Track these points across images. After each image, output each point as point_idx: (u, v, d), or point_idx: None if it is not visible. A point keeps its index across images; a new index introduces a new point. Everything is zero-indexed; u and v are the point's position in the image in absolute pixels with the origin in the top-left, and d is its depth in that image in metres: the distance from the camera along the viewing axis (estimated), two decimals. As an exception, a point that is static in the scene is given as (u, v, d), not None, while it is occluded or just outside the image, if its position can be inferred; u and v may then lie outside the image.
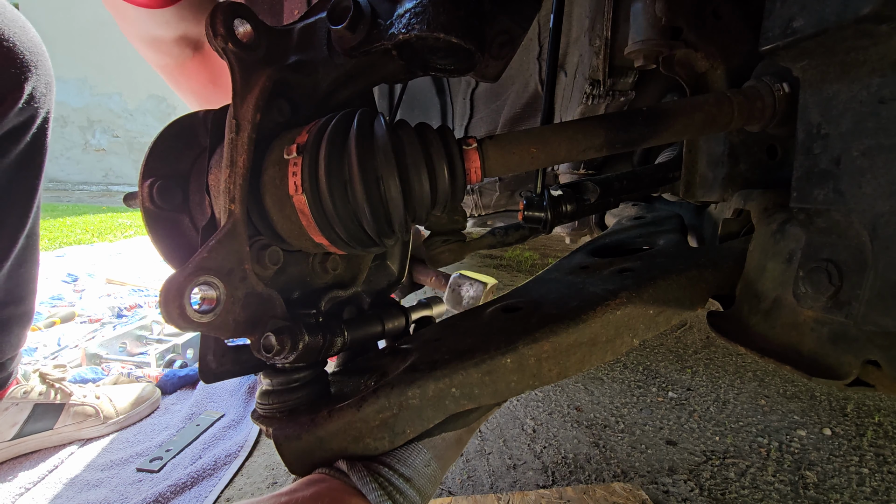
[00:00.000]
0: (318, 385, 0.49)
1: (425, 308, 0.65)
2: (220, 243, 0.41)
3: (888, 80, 0.36)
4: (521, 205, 0.75)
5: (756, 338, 0.49)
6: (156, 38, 0.81)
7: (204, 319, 0.39)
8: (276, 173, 0.43)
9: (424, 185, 0.41)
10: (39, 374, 1.23)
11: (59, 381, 1.23)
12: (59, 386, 1.22)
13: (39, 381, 1.21)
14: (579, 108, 0.89)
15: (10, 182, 1.03)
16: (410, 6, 0.44)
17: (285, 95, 0.47)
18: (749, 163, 0.61)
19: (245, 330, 0.43)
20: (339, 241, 0.43)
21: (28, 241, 1.10)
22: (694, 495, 1.00)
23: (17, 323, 1.13)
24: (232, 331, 0.41)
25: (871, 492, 1.00)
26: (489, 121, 1.35)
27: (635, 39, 0.59)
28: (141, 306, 2.33)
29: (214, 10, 0.41)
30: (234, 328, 0.41)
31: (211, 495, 1.00)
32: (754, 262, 0.52)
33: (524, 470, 1.08)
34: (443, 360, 0.46)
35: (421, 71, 0.52)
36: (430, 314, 0.65)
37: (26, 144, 1.02)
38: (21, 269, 1.10)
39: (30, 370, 1.23)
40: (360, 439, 0.44)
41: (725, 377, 1.54)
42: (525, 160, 0.45)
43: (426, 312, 0.65)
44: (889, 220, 0.36)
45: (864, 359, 0.39)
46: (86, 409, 1.23)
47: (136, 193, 0.49)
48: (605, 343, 0.49)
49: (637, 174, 0.78)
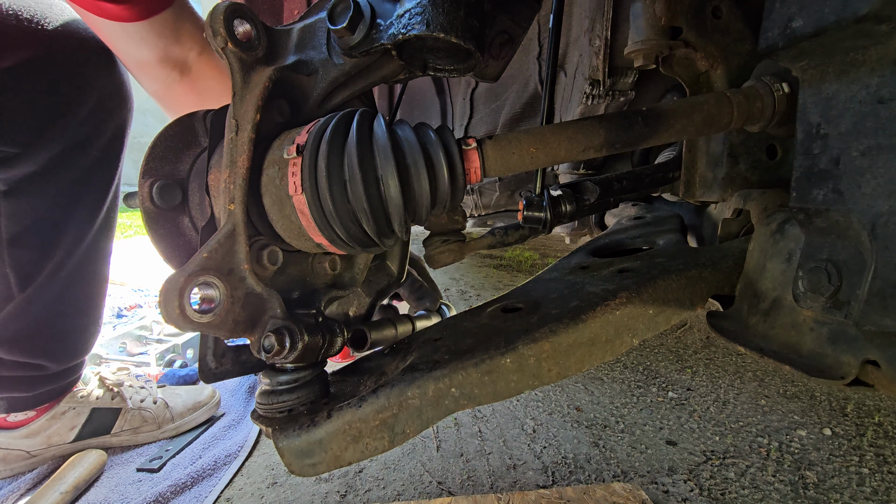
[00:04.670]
0: (317, 385, 0.49)
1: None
2: (219, 243, 0.41)
3: (887, 80, 0.36)
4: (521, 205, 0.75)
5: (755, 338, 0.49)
6: (140, 61, 0.81)
7: (203, 319, 0.39)
8: (276, 173, 0.43)
9: (424, 185, 0.41)
10: (99, 377, 1.23)
11: (118, 385, 1.23)
12: (117, 390, 1.22)
13: (98, 385, 1.21)
14: (579, 108, 0.89)
15: (73, 196, 1.00)
16: (410, 6, 0.44)
17: (285, 95, 0.47)
18: (749, 163, 0.61)
19: (245, 330, 0.43)
20: (339, 241, 0.43)
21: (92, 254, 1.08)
22: (694, 495, 1.00)
23: (85, 330, 1.14)
24: (231, 331, 0.41)
25: (871, 492, 1.00)
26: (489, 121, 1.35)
27: (635, 39, 0.59)
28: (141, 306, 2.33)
29: (214, 9, 0.41)
30: (233, 328, 0.41)
31: (211, 495, 1.01)
32: (754, 262, 0.52)
33: (524, 470, 1.08)
34: (443, 360, 0.46)
35: (420, 71, 0.52)
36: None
37: (94, 158, 0.99)
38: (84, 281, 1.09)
39: (90, 373, 1.23)
40: (360, 439, 0.44)
41: (725, 377, 1.54)
42: (525, 160, 0.45)
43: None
44: (888, 220, 0.36)
45: (864, 359, 0.39)
46: (143, 415, 1.23)
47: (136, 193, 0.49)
48: (604, 343, 0.49)
49: (637, 174, 0.78)
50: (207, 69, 0.85)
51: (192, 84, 0.85)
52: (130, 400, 1.23)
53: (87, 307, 1.12)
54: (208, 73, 0.86)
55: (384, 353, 0.58)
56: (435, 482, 1.04)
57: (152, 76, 0.83)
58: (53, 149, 0.93)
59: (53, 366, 1.09)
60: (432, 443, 1.19)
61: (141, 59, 0.80)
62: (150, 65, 0.81)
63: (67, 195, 1.00)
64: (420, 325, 0.65)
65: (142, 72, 0.83)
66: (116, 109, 1.00)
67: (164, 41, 0.78)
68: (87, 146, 0.98)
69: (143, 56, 0.79)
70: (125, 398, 1.23)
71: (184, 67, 0.83)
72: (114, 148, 1.03)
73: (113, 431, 1.20)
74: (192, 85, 0.85)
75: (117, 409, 1.21)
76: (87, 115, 0.95)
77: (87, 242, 1.06)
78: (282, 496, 1.01)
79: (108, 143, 1.01)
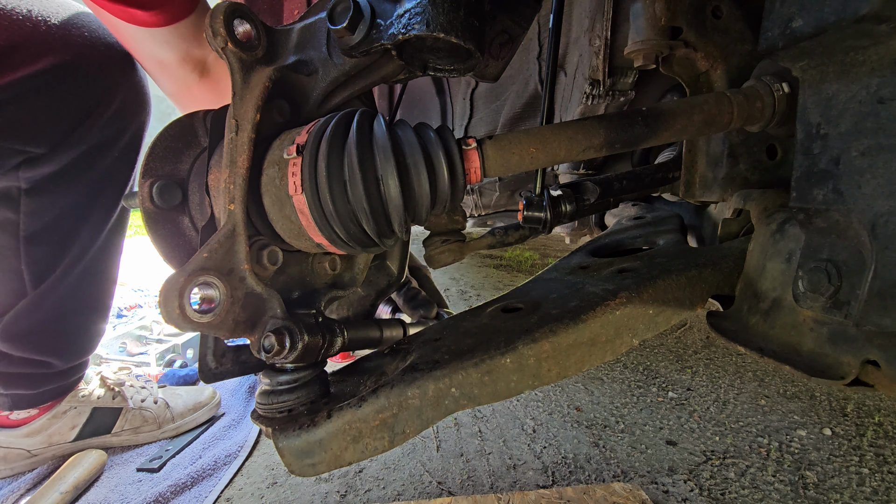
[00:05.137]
0: (317, 385, 0.49)
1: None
2: (219, 243, 0.41)
3: (887, 80, 0.36)
4: (521, 205, 0.75)
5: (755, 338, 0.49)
6: (161, 61, 0.82)
7: (203, 319, 0.39)
8: (276, 173, 0.43)
9: (424, 185, 0.41)
10: (100, 377, 1.23)
11: (119, 384, 1.24)
12: (118, 390, 1.23)
13: (99, 385, 1.22)
14: (579, 108, 0.89)
15: (91, 196, 1.02)
16: (410, 6, 0.44)
17: (285, 95, 0.47)
18: (749, 163, 0.61)
19: (245, 330, 0.43)
20: (339, 241, 0.43)
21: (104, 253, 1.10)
22: (694, 495, 1.00)
23: (92, 328, 1.14)
24: (231, 331, 0.41)
25: (871, 492, 1.00)
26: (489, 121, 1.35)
27: (635, 39, 0.59)
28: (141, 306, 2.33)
29: (214, 9, 0.41)
30: (233, 328, 0.41)
31: (211, 495, 1.01)
32: (754, 262, 0.52)
33: (524, 470, 1.08)
34: (443, 360, 0.46)
35: (420, 71, 0.52)
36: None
37: (113, 159, 1.01)
38: (94, 280, 1.10)
39: (91, 373, 1.24)
40: (360, 439, 0.44)
41: (725, 377, 1.54)
42: (525, 160, 0.45)
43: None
44: (888, 219, 0.36)
45: (864, 359, 0.39)
46: (143, 415, 1.24)
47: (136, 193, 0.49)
48: (604, 343, 0.49)
49: (637, 174, 0.78)
50: (226, 71, 0.86)
51: (211, 85, 0.86)
52: (131, 400, 1.23)
53: (96, 306, 1.13)
54: (226, 75, 0.86)
55: (384, 353, 0.58)
56: (435, 482, 1.04)
57: (172, 77, 0.84)
58: (77, 150, 0.95)
59: (60, 363, 1.09)
60: (432, 443, 1.19)
61: (162, 60, 0.81)
62: (170, 65, 0.82)
63: (86, 195, 1.01)
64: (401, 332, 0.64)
65: (162, 72, 0.84)
66: (137, 112, 1.02)
67: (186, 43, 0.79)
68: (108, 148, 0.99)
69: (164, 57, 0.80)
70: (126, 398, 1.23)
71: (203, 68, 0.84)
72: (132, 150, 1.05)
73: (113, 431, 1.20)
74: (211, 85, 0.86)
75: (118, 409, 1.21)
76: (111, 117, 0.96)
77: (101, 242, 1.07)
78: (282, 496, 1.01)
79: (127, 144, 1.03)
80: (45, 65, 0.84)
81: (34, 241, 0.99)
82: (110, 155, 1.00)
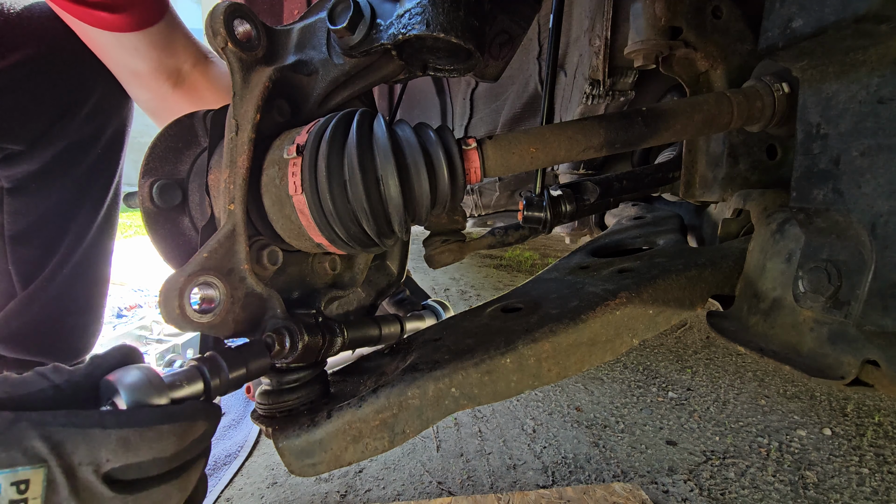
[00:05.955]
0: (317, 385, 0.49)
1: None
2: (219, 243, 0.41)
3: (887, 79, 0.36)
4: (521, 205, 0.75)
5: (755, 337, 0.49)
6: (134, 71, 0.81)
7: (203, 319, 0.39)
8: (276, 173, 0.43)
9: (424, 185, 0.41)
10: None
11: None
12: None
13: None
14: (579, 108, 0.89)
15: (76, 194, 1.01)
16: (410, 6, 0.44)
17: (285, 95, 0.47)
18: (749, 163, 0.61)
19: (245, 330, 0.43)
20: (339, 241, 0.43)
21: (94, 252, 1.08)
22: (694, 495, 1.00)
23: (86, 328, 1.13)
24: (231, 330, 0.41)
25: (871, 492, 1.00)
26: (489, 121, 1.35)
27: (635, 39, 0.59)
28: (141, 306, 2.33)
29: (214, 9, 0.41)
30: (233, 328, 0.41)
31: (211, 495, 1.01)
32: (754, 262, 0.52)
33: (524, 470, 1.08)
34: (443, 360, 0.46)
35: (420, 71, 0.52)
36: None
37: (96, 156, 1.00)
38: (85, 280, 1.08)
39: None
40: (360, 439, 0.44)
41: (725, 377, 1.54)
42: (525, 160, 0.45)
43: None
44: (888, 219, 0.36)
45: (864, 359, 0.39)
46: None
47: (136, 193, 0.49)
48: (604, 343, 0.49)
49: (637, 174, 0.78)
50: (202, 80, 0.86)
51: (185, 95, 0.85)
52: None
53: (89, 306, 1.12)
54: (203, 85, 0.86)
55: (384, 352, 0.58)
56: (435, 482, 1.04)
57: (146, 87, 0.83)
58: (57, 147, 0.93)
59: None
60: (432, 443, 1.19)
61: (135, 70, 0.81)
62: (143, 75, 0.81)
63: (70, 193, 1.00)
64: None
65: (135, 82, 0.84)
66: (117, 108, 1.00)
67: (157, 52, 0.78)
68: (89, 145, 0.98)
69: (137, 66, 0.80)
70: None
71: (177, 79, 0.84)
72: (115, 147, 1.03)
73: None
74: (185, 96, 0.85)
75: None
76: (89, 113, 0.95)
77: (89, 241, 1.06)
78: (282, 496, 1.01)
79: (109, 141, 1.01)
80: (18, 58, 0.83)
81: (20, 241, 0.98)
82: (93, 152, 0.99)
